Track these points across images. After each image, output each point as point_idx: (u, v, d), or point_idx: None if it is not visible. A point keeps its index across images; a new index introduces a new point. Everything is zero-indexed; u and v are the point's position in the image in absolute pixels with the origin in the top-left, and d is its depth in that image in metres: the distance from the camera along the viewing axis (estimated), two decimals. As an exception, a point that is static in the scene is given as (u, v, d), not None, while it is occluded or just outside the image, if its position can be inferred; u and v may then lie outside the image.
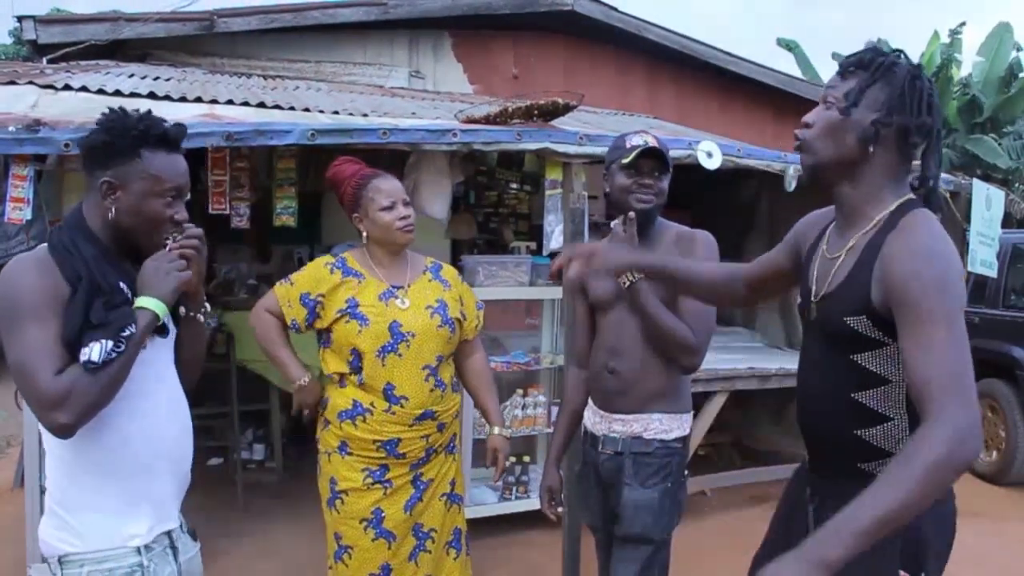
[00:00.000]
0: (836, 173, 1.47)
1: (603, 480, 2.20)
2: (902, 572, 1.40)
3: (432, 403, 2.24)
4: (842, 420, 1.48)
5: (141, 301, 1.49)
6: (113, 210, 1.51)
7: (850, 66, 1.46)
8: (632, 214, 2.07)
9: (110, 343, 1.39)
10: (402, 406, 2.21)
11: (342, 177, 2.32)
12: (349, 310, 2.22)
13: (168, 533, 1.61)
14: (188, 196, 1.59)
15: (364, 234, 2.31)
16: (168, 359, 1.65)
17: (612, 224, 2.14)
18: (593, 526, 2.32)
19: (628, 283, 2.06)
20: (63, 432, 1.40)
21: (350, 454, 2.25)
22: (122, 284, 1.51)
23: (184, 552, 1.64)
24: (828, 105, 1.47)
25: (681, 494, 2.15)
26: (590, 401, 2.27)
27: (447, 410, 2.30)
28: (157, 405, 1.57)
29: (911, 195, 1.46)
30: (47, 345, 1.39)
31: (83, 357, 1.38)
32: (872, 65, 1.43)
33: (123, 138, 1.50)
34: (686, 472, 2.19)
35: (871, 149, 1.42)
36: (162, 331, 1.59)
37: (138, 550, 1.52)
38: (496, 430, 2.46)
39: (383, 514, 2.25)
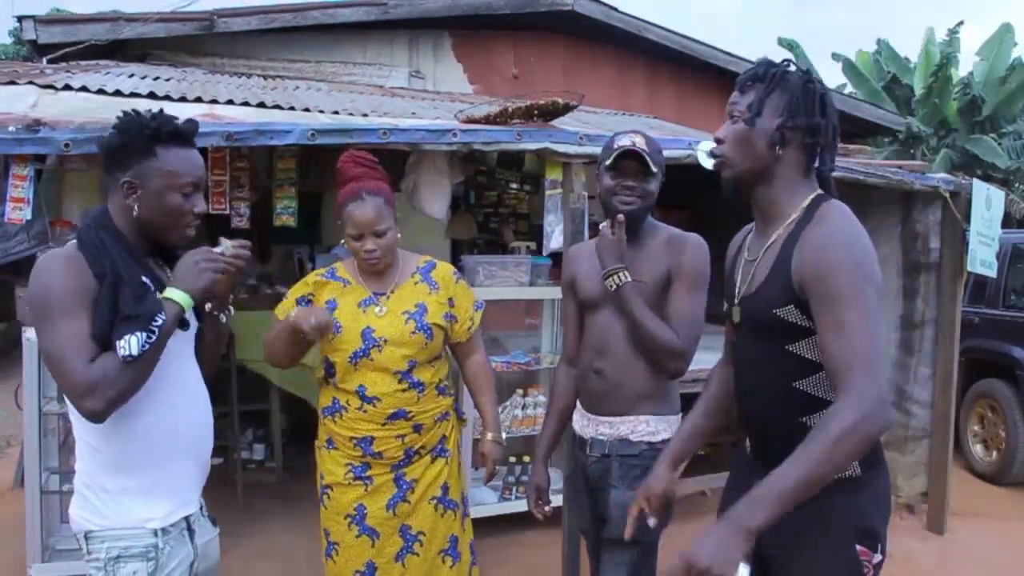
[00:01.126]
0: (753, 178, 1.57)
1: (591, 483, 2.19)
2: (859, 547, 1.50)
3: (405, 403, 2.24)
4: (786, 409, 1.56)
5: (170, 292, 1.57)
6: (136, 207, 1.58)
7: (747, 80, 1.57)
8: (621, 216, 2.06)
9: (144, 334, 1.46)
10: (374, 405, 2.23)
11: (341, 178, 2.30)
12: (329, 310, 2.25)
13: (187, 517, 1.67)
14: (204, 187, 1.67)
15: (345, 244, 2.31)
16: (189, 351, 1.72)
17: (600, 226, 2.12)
18: (583, 529, 2.31)
19: (615, 286, 2.05)
20: (95, 418, 1.47)
21: (336, 449, 2.30)
22: (145, 279, 1.56)
23: (201, 535, 1.70)
24: (735, 119, 1.57)
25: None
26: (578, 403, 2.26)
27: (425, 411, 2.28)
28: (179, 396, 1.64)
29: (819, 191, 1.57)
30: (78, 337, 1.47)
31: (121, 352, 1.45)
32: (767, 77, 1.54)
33: (138, 138, 1.57)
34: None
35: (779, 152, 1.53)
36: (183, 324, 1.64)
37: (154, 532, 1.59)
38: (489, 435, 2.43)
39: (366, 511, 2.27)
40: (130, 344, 1.45)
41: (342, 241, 2.32)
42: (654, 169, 2.09)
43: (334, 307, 2.26)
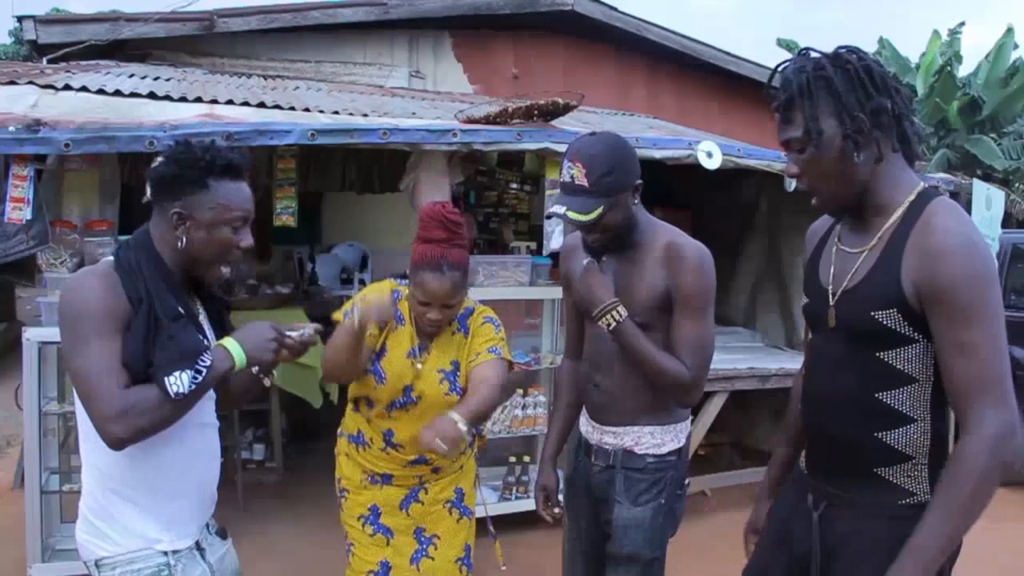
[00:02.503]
0: (854, 194, 1.42)
1: (593, 491, 2.09)
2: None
3: (428, 452, 2.22)
4: (862, 422, 1.42)
5: (232, 346, 1.55)
6: (184, 239, 1.56)
7: (786, 105, 1.41)
8: (587, 261, 1.92)
9: (191, 372, 1.45)
10: (398, 451, 2.23)
11: (421, 236, 2.12)
12: (374, 360, 2.18)
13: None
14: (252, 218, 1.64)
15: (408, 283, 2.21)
16: (210, 391, 1.69)
17: (584, 262, 1.95)
18: (575, 535, 2.21)
19: (612, 324, 1.85)
20: (116, 445, 1.44)
21: (355, 462, 2.32)
22: (180, 309, 1.55)
23: (212, 552, 1.69)
24: (794, 153, 1.43)
25: (678, 507, 2.04)
26: (583, 408, 2.17)
27: (445, 458, 2.23)
28: (195, 433, 1.63)
29: (923, 184, 1.43)
30: (112, 359, 1.44)
31: (173, 388, 1.43)
32: (802, 90, 1.37)
33: (192, 169, 1.55)
34: (685, 483, 2.06)
35: (860, 157, 1.38)
36: None
37: (164, 552, 1.58)
38: (453, 414, 1.97)
39: (379, 510, 2.28)
40: (182, 381, 1.43)
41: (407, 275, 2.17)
42: (591, 217, 1.81)
43: (382, 354, 2.18)
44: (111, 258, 1.57)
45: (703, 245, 1.91)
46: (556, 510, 2.21)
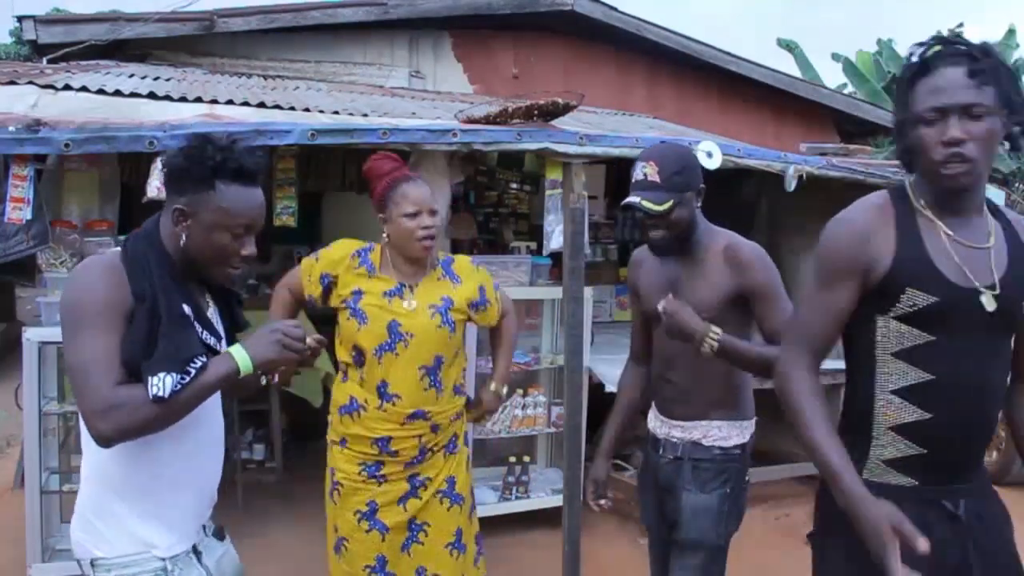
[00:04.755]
0: (985, 176, 1.46)
1: (661, 484, 2.18)
2: None
3: (425, 403, 2.24)
4: (998, 410, 1.53)
5: (235, 352, 1.50)
6: (183, 237, 1.51)
7: (978, 70, 1.37)
8: (661, 305, 1.97)
9: (176, 376, 1.40)
10: (394, 404, 2.22)
11: (377, 173, 2.30)
12: (352, 304, 2.24)
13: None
14: (260, 227, 1.59)
15: (385, 236, 2.29)
16: None
17: (659, 307, 2.01)
18: (649, 525, 2.31)
19: (714, 347, 1.93)
20: (101, 441, 1.42)
21: (349, 448, 2.29)
22: (185, 307, 1.51)
23: (209, 554, 1.65)
24: (978, 117, 1.38)
25: (741, 500, 2.13)
26: (653, 404, 2.26)
27: (442, 412, 2.29)
28: (198, 429, 1.59)
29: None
30: (107, 353, 1.40)
31: (153, 389, 1.38)
32: (1000, 61, 1.39)
33: (200, 167, 1.49)
34: (747, 479, 2.16)
35: (1006, 146, 1.44)
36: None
37: (161, 557, 1.54)
38: (492, 386, 2.49)
39: (377, 506, 2.27)
40: (164, 383, 1.38)
41: (384, 236, 2.28)
42: (663, 207, 1.98)
43: (359, 298, 2.24)
44: (118, 249, 1.53)
45: (757, 244, 2.09)
46: (603, 502, 2.31)
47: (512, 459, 3.96)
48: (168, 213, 1.53)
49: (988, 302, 1.42)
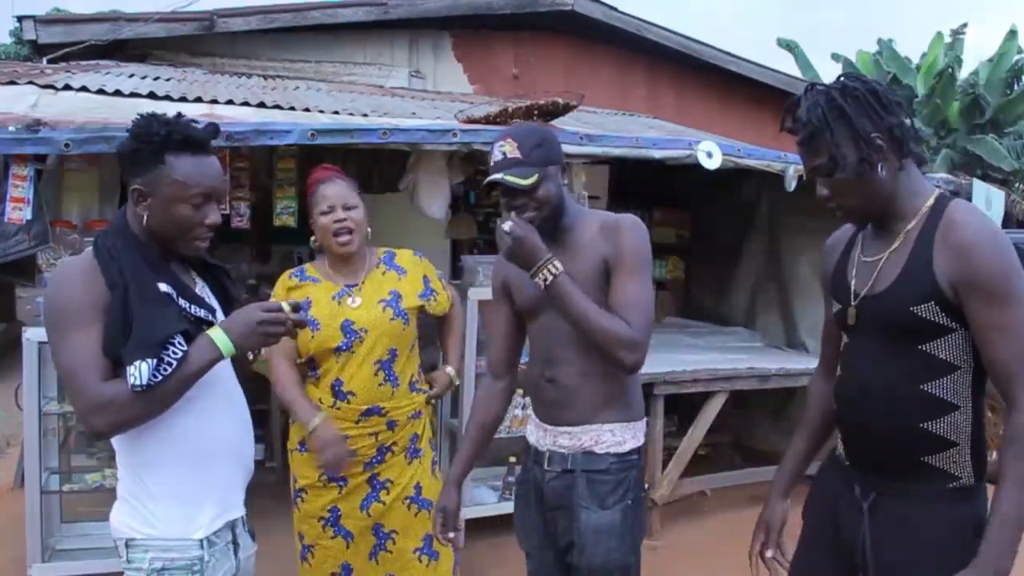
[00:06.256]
0: (879, 207, 1.53)
1: (547, 502, 1.94)
2: None
3: (380, 399, 2.26)
4: (908, 414, 1.50)
5: (217, 335, 1.51)
6: (146, 216, 1.52)
7: (808, 137, 1.50)
8: (507, 225, 1.80)
9: (153, 361, 1.41)
10: (348, 402, 2.24)
11: (308, 188, 2.35)
12: (303, 310, 2.22)
13: (232, 527, 1.64)
14: (224, 197, 1.60)
15: (314, 239, 2.33)
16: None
17: (502, 226, 1.83)
18: (528, 551, 2.09)
19: (548, 279, 1.77)
20: (96, 436, 1.49)
21: (308, 451, 2.29)
22: (164, 287, 1.51)
23: (244, 549, 1.69)
24: (823, 178, 1.53)
25: (642, 513, 1.94)
26: (532, 415, 2.02)
27: (399, 408, 2.30)
28: (213, 400, 1.60)
29: (939, 189, 1.55)
30: (90, 351, 1.43)
31: (130, 379, 1.40)
32: (823, 121, 1.47)
33: (148, 144, 1.50)
34: (646, 487, 1.96)
35: (882, 172, 1.48)
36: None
37: (200, 543, 1.55)
38: (448, 369, 2.53)
39: (340, 512, 2.29)
40: (140, 372, 1.39)
41: (312, 239, 2.33)
42: (529, 181, 1.79)
43: (309, 304, 2.25)
44: (91, 247, 1.54)
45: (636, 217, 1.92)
46: (451, 535, 2.03)
47: (512, 459, 3.95)
48: (130, 198, 1.55)
49: (850, 315, 1.58)
